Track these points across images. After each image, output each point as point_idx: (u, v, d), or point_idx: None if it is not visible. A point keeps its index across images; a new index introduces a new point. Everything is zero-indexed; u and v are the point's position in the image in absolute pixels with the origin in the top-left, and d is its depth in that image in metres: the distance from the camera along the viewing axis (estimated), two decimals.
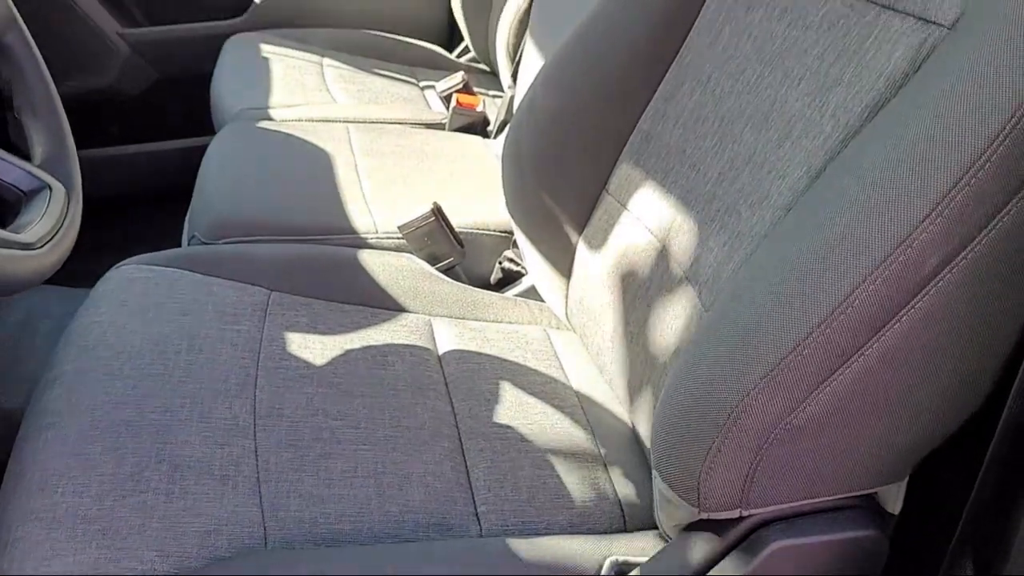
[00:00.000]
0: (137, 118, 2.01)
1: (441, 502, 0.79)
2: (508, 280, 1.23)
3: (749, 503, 0.66)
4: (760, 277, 0.65)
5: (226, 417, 0.81)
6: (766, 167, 0.76)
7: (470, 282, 1.16)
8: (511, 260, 1.23)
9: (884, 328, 0.58)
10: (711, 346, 0.65)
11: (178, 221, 1.39)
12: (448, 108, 1.66)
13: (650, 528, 0.81)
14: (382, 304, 1.04)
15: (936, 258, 0.57)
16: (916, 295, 0.58)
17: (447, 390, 0.92)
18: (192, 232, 1.22)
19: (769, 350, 0.60)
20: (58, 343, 0.90)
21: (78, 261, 0.92)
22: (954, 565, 0.68)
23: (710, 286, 0.78)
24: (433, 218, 1.15)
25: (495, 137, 1.63)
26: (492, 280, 1.25)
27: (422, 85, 1.88)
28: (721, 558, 0.69)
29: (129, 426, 0.77)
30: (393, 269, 1.09)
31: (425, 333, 1.01)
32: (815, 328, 0.58)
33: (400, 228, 1.17)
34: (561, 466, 0.86)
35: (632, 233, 0.91)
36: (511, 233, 1.24)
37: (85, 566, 0.67)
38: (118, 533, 0.69)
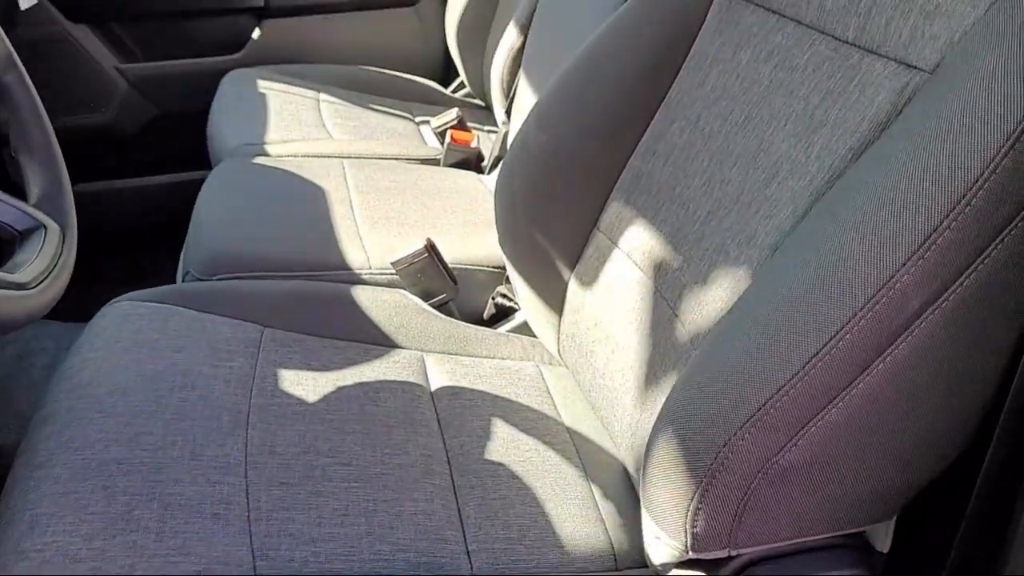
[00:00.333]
0: (135, 153, 2.02)
1: (432, 540, 0.79)
2: (501, 315, 1.24)
3: (737, 543, 0.66)
4: (746, 318, 0.65)
5: (217, 455, 0.82)
6: (753, 207, 0.77)
7: (463, 318, 1.17)
8: (504, 296, 1.24)
9: (868, 369, 0.59)
10: (698, 386, 0.65)
11: (174, 255, 1.40)
12: (443, 144, 1.67)
13: (640, 567, 0.81)
14: (375, 340, 1.04)
15: (918, 300, 0.57)
16: (899, 336, 0.58)
17: (439, 427, 0.93)
18: (187, 268, 1.23)
19: (756, 392, 0.60)
20: (51, 380, 0.90)
21: (74, 295, 0.93)
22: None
23: (698, 324, 0.78)
24: (426, 254, 1.16)
25: (489, 173, 1.65)
26: (485, 315, 1.25)
27: (418, 120, 1.90)
28: None
29: (120, 465, 0.78)
30: (386, 305, 1.10)
31: (418, 369, 1.01)
32: (800, 369, 0.59)
33: (393, 264, 1.18)
34: (552, 504, 0.86)
35: (623, 270, 0.92)
36: (504, 269, 1.24)
37: None
38: (108, 574, 0.69)
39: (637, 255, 0.90)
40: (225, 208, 1.36)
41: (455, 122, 1.70)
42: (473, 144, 1.67)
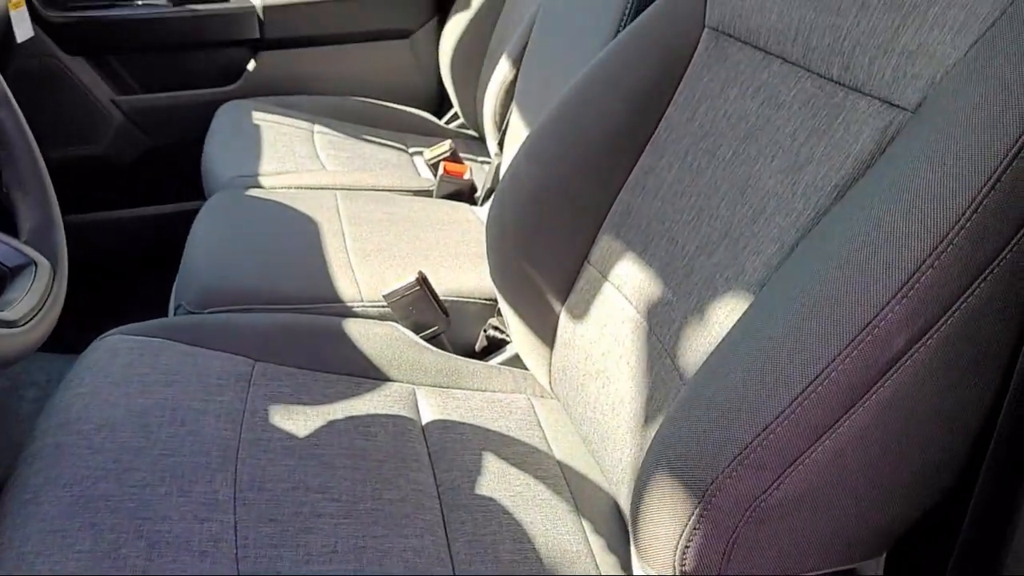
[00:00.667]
0: (129, 184, 2.03)
1: None
2: (493, 348, 1.24)
3: None
4: (733, 355, 0.65)
5: (206, 491, 0.81)
6: (741, 242, 0.78)
7: (455, 350, 1.17)
8: (496, 328, 1.24)
9: (854, 407, 0.59)
10: (686, 424, 0.65)
11: (166, 287, 1.40)
12: (436, 175, 1.68)
13: None
14: (366, 373, 1.04)
15: (903, 338, 0.58)
16: (885, 374, 0.59)
17: (430, 461, 0.92)
18: (179, 301, 1.23)
19: (742, 430, 0.60)
20: (40, 415, 0.90)
21: (65, 327, 0.93)
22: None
23: (688, 359, 0.78)
24: (418, 287, 1.16)
25: (482, 204, 1.65)
26: (477, 348, 1.25)
27: (411, 151, 1.91)
28: None
29: (108, 501, 0.77)
30: (378, 338, 1.10)
31: (409, 403, 1.01)
32: (787, 407, 0.59)
33: (385, 297, 1.18)
34: (542, 539, 0.85)
35: (613, 304, 0.92)
36: (496, 301, 1.25)
37: None
38: None
39: (627, 289, 0.90)
40: (217, 241, 1.36)
41: (448, 154, 1.71)
42: (466, 176, 1.68)
